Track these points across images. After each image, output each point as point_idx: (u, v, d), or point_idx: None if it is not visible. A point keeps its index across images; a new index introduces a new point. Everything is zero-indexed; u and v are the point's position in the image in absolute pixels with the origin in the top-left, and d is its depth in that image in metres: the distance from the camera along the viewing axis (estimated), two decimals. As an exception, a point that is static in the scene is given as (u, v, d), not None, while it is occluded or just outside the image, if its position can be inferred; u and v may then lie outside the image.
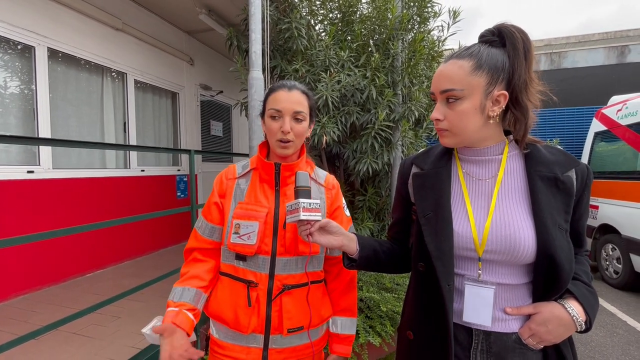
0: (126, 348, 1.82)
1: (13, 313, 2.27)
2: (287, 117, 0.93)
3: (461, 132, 0.73)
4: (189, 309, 0.90)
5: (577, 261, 0.78)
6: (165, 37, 4.04)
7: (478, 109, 0.71)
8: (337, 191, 1.05)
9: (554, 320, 0.68)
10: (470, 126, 0.72)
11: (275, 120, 0.94)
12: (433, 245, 0.74)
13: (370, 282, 2.43)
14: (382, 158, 2.74)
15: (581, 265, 0.78)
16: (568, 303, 0.69)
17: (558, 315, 0.68)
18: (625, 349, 2.55)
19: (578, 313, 0.68)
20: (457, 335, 0.76)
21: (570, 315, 0.68)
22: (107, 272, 3.19)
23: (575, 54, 6.71)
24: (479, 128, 0.73)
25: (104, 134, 3.38)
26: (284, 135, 0.92)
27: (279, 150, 0.95)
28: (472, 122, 0.72)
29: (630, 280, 3.63)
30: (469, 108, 0.71)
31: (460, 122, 0.72)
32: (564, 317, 0.68)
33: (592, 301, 0.71)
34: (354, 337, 1.04)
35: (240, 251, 0.91)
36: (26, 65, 2.71)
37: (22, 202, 2.58)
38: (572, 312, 0.68)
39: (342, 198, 1.07)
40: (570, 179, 0.73)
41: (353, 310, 1.06)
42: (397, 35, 2.87)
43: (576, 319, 0.68)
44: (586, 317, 0.69)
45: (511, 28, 0.71)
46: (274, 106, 0.94)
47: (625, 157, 3.79)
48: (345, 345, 1.03)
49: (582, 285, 0.72)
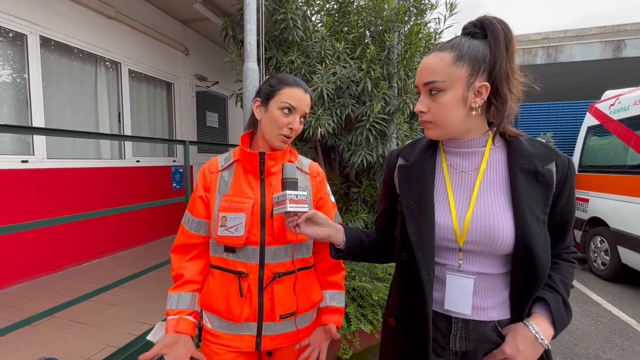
0: (123, 335, 1.86)
1: (9, 301, 2.30)
2: (298, 116, 0.96)
3: (445, 124, 0.74)
4: (188, 313, 0.94)
5: (557, 267, 0.79)
6: (159, 26, 3.99)
7: (460, 100, 0.72)
8: (322, 178, 1.07)
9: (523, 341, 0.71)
10: (453, 118, 0.73)
11: (286, 115, 0.94)
12: (415, 236, 0.76)
13: (363, 272, 2.48)
14: (377, 150, 2.77)
15: (560, 273, 0.78)
16: (532, 322, 0.72)
17: (524, 335, 0.71)
18: (608, 337, 2.64)
19: (542, 331, 0.70)
20: (438, 323, 0.79)
21: (533, 334, 0.71)
22: (102, 261, 3.21)
23: (572, 48, 6.71)
24: (462, 120, 0.74)
25: (98, 124, 3.36)
26: (289, 132, 0.95)
27: (278, 144, 0.96)
28: (454, 113, 0.73)
29: (617, 271, 3.72)
30: (451, 99, 0.72)
31: (443, 113, 0.73)
32: (529, 337, 0.71)
33: (565, 317, 0.73)
34: (343, 310, 1.07)
35: (228, 243, 0.92)
36: (18, 54, 2.68)
37: (16, 192, 2.58)
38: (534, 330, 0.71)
39: (327, 185, 1.09)
40: (550, 171, 0.74)
41: (340, 284, 1.08)
42: (393, 27, 2.87)
43: (540, 339, 0.70)
44: (553, 332, 0.72)
45: (492, 20, 0.72)
46: (290, 101, 0.94)
47: (616, 152, 3.84)
48: (335, 315, 1.04)
49: (560, 300, 0.73)
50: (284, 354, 1.00)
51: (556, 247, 0.79)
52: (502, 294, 0.76)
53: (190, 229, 1.00)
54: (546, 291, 0.75)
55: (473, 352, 0.76)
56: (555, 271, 0.78)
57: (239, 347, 0.95)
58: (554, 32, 8.67)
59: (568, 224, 0.78)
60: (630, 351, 2.44)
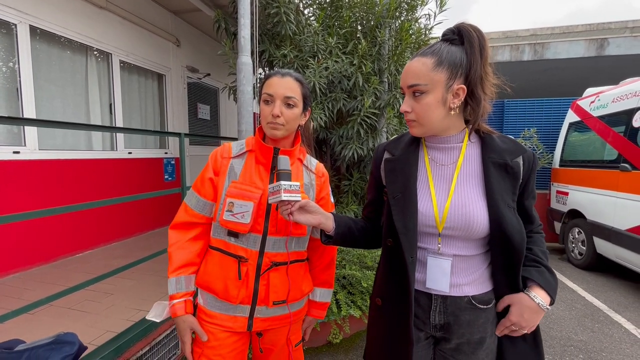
0: (121, 321, 1.92)
1: (6, 290, 2.32)
2: (278, 102, 0.97)
3: (427, 122, 0.83)
4: (190, 294, 1.02)
5: (533, 240, 0.89)
6: (150, 16, 3.95)
7: (440, 101, 0.80)
8: (326, 179, 1.14)
9: (527, 311, 0.81)
10: (434, 117, 0.82)
11: (267, 104, 0.99)
12: (400, 224, 0.85)
13: (353, 260, 2.58)
14: (368, 144, 2.85)
15: (538, 245, 0.89)
16: (533, 292, 0.81)
17: (529, 306, 0.80)
18: (581, 321, 2.82)
19: (543, 299, 0.81)
20: (419, 300, 0.88)
21: (537, 303, 0.80)
22: (96, 252, 3.24)
23: (557, 45, 6.88)
24: (442, 119, 0.83)
25: (89, 115, 3.35)
26: (273, 119, 0.97)
27: (269, 132, 0.99)
28: (435, 113, 0.81)
29: (592, 261, 3.94)
30: (432, 101, 0.80)
31: (425, 113, 0.81)
32: (533, 306, 0.80)
33: (554, 284, 0.84)
34: (329, 304, 1.18)
35: (232, 228, 0.96)
36: (8, 44, 2.65)
37: (9, 183, 2.58)
38: (538, 300, 0.80)
39: (329, 187, 1.16)
40: (518, 164, 0.84)
41: (331, 282, 1.19)
42: (384, 23, 2.93)
43: (542, 306, 0.80)
44: (550, 299, 0.82)
45: (469, 27, 0.80)
46: (267, 91, 0.98)
47: (595, 147, 4.03)
48: (321, 310, 1.18)
49: (545, 271, 0.84)
50: (274, 334, 1.07)
51: (530, 226, 0.90)
52: (476, 272, 0.86)
53: (195, 208, 1.03)
54: (530, 268, 0.85)
55: (450, 324, 0.86)
56: (533, 244, 0.89)
57: (232, 327, 1.01)
58: (542, 29, 8.85)
59: (532, 207, 0.90)
60: (600, 333, 2.62)
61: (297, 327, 1.13)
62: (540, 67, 7.24)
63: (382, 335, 0.93)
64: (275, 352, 1.09)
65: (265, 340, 1.07)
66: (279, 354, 1.10)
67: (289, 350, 1.09)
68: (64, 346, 0.74)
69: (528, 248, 0.87)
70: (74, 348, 0.74)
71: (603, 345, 2.44)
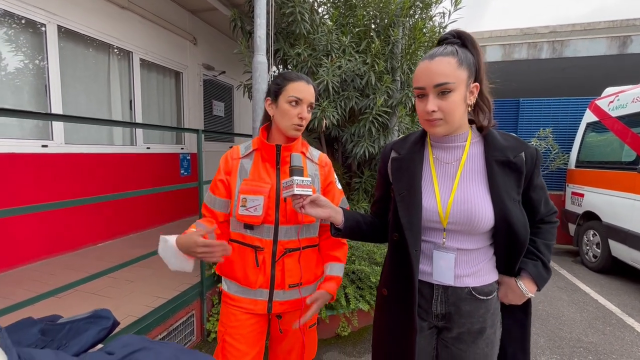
0: (142, 306, 2.03)
1: (35, 275, 2.48)
2: (305, 106, 1.08)
3: (452, 120, 0.85)
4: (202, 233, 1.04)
5: (541, 232, 0.95)
6: (169, 15, 4.07)
7: (463, 99, 0.84)
8: (330, 168, 1.21)
9: (511, 293, 0.92)
10: (458, 114, 0.85)
11: (294, 106, 1.07)
12: (405, 219, 0.90)
13: (362, 256, 2.63)
14: (379, 142, 2.88)
15: (543, 238, 0.94)
16: (521, 281, 0.91)
17: (514, 290, 0.92)
18: (592, 323, 2.80)
19: (528, 289, 0.90)
20: (422, 290, 0.93)
21: (522, 290, 0.91)
22: (115, 242, 3.39)
23: (577, 43, 6.69)
24: (462, 116, 0.87)
25: (111, 112, 3.49)
26: (300, 121, 1.07)
27: (293, 133, 1.09)
28: (460, 110, 0.85)
29: (607, 264, 3.87)
30: (458, 98, 0.83)
31: (453, 111, 0.84)
32: (517, 292, 0.91)
33: (545, 277, 0.92)
34: (341, 279, 1.20)
35: (248, 221, 1.06)
36: (38, 43, 2.79)
37: (37, 175, 2.73)
38: (523, 288, 0.91)
39: (334, 174, 1.23)
40: (521, 159, 0.88)
41: (340, 257, 1.22)
42: (398, 21, 2.94)
43: (526, 293, 0.90)
44: (536, 289, 0.91)
45: (465, 32, 0.85)
46: (296, 94, 1.06)
47: (612, 148, 3.94)
48: (333, 282, 1.17)
49: (540, 265, 0.92)
50: (291, 317, 1.17)
51: (539, 214, 0.95)
52: (478, 265, 0.91)
53: (213, 207, 1.15)
54: (527, 260, 0.92)
55: (451, 313, 0.91)
56: (538, 236, 0.95)
57: (253, 309, 1.11)
58: (562, 26, 8.60)
59: (542, 197, 0.93)
60: (611, 336, 2.60)
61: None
62: (559, 65, 7.06)
63: (387, 324, 0.99)
64: (291, 332, 1.19)
65: (284, 322, 1.18)
66: (294, 335, 1.20)
67: (302, 332, 1.17)
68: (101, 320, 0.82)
69: (532, 240, 0.92)
70: (109, 322, 0.83)
71: (613, 348, 2.42)
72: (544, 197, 0.94)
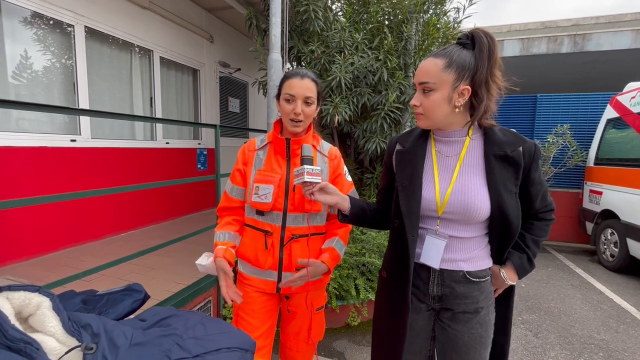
0: (163, 291, 2.16)
1: (65, 261, 2.66)
2: (299, 101, 1.14)
3: (432, 117, 0.93)
4: (232, 246, 1.21)
5: (532, 227, 1.00)
6: (187, 14, 4.20)
7: (446, 99, 0.90)
8: (339, 160, 1.28)
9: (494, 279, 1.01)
10: (439, 113, 0.92)
11: (289, 103, 1.15)
12: (405, 207, 0.97)
13: (373, 249, 2.69)
14: (391, 138, 2.92)
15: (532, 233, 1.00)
16: (504, 270, 0.99)
17: (497, 277, 1.00)
18: (606, 321, 2.77)
19: (510, 279, 0.99)
20: (420, 273, 1.00)
21: (503, 278, 0.99)
22: (135, 233, 3.56)
23: (600, 37, 6.46)
24: (446, 115, 0.93)
25: (133, 108, 3.66)
26: (295, 117, 1.15)
27: (291, 128, 1.17)
28: (441, 109, 0.91)
29: (624, 263, 3.79)
30: (439, 98, 0.90)
31: (431, 108, 0.91)
32: (500, 279, 1.00)
33: (528, 269, 1.00)
34: (339, 256, 1.23)
35: (259, 207, 1.17)
36: (66, 43, 2.96)
37: (67, 167, 2.91)
38: (505, 277, 0.99)
39: (344, 166, 1.30)
40: (519, 153, 0.92)
41: (342, 235, 1.27)
42: (411, 17, 2.95)
43: (507, 281, 0.99)
44: (517, 277, 0.99)
45: (481, 33, 0.88)
46: (289, 91, 1.15)
47: (633, 145, 3.84)
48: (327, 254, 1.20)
49: (524, 258, 0.99)
50: (298, 298, 1.26)
51: (534, 208, 0.99)
52: (472, 252, 0.97)
53: (231, 194, 1.26)
54: (514, 252, 0.99)
55: (446, 295, 0.98)
56: (529, 231, 1.00)
57: (263, 288, 1.22)
58: (585, 19, 8.31)
59: (539, 192, 0.97)
60: (624, 334, 2.58)
61: (317, 293, 1.30)
62: (580, 59, 6.84)
63: (385, 303, 1.07)
64: (299, 314, 1.29)
65: (292, 303, 1.27)
66: (302, 316, 1.29)
67: (310, 313, 1.25)
68: (134, 293, 0.92)
69: (521, 234, 0.99)
70: (141, 295, 0.93)
71: (626, 346, 2.40)
72: (542, 192, 0.98)
